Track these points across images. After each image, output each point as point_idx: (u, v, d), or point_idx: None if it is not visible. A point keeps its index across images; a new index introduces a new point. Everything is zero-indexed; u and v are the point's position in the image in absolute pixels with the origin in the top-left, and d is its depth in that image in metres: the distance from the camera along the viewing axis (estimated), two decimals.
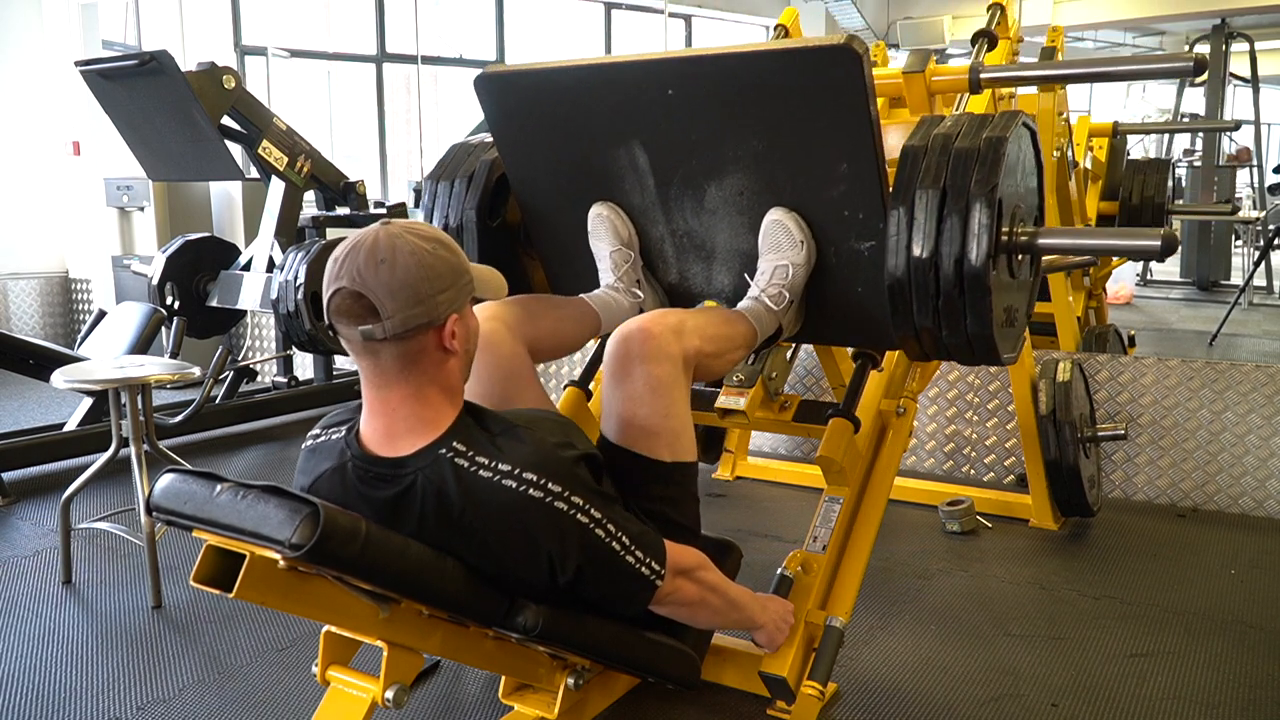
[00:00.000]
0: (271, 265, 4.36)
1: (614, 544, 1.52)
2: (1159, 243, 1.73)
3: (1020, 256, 1.82)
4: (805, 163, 1.88)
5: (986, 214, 1.67)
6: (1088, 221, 4.43)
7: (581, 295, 2.08)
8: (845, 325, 2.05)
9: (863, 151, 1.81)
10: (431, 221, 2.21)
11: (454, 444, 1.46)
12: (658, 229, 2.11)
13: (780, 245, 1.95)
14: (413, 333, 1.42)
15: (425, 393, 1.47)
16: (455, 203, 2.19)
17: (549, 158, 2.13)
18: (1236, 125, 6.69)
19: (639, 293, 2.11)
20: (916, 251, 1.72)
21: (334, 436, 1.56)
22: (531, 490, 1.44)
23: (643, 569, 1.56)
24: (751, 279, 2.00)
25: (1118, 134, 4.74)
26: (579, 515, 1.47)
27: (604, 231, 2.11)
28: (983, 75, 2.45)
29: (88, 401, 3.80)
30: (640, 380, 1.74)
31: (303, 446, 1.61)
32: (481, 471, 1.44)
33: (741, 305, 1.98)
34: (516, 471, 1.44)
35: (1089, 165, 4.57)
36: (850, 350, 2.24)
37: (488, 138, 2.26)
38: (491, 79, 2.06)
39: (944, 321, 1.76)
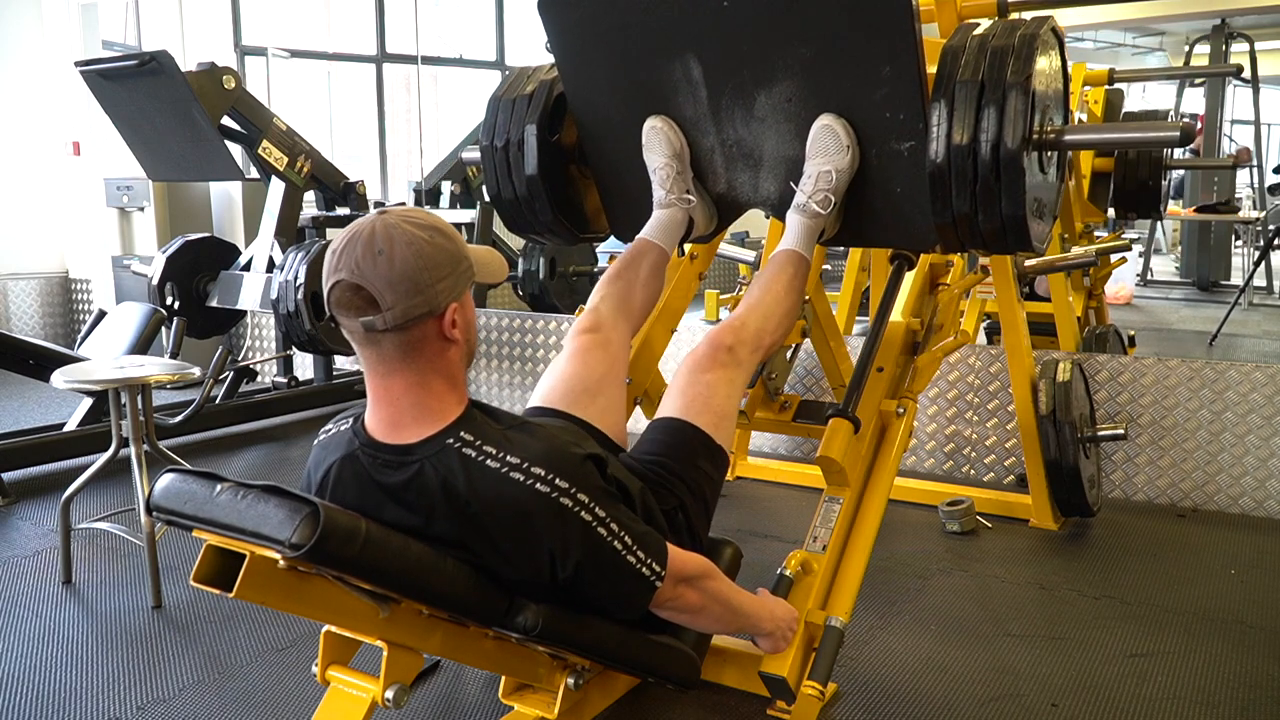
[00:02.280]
0: (271, 265, 4.36)
1: (615, 543, 1.52)
2: (1178, 133, 1.89)
3: (1049, 153, 1.95)
4: (850, 67, 1.99)
5: (1021, 101, 1.80)
6: (1081, 176, 4.41)
7: (641, 236, 2.24)
8: (884, 225, 2.13)
9: (905, 53, 1.92)
10: (494, 138, 2.36)
11: (462, 434, 1.47)
12: (708, 140, 2.22)
13: (828, 150, 2.05)
14: (413, 322, 1.43)
15: (428, 381, 1.48)
16: (516, 119, 2.32)
17: (607, 74, 2.25)
18: (1239, 69, 6.68)
19: (690, 198, 2.24)
20: (956, 140, 1.85)
21: (342, 428, 1.57)
22: (539, 485, 1.45)
23: (643, 569, 1.56)
24: (797, 185, 2.11)
25: (1113, 83, 4.68)
26: (583, 513, 1.48)
27: (657, 143, 2.22)
28: None
29: (88, 401, 3.80)
30: (711, 381, 1.94)
31: (315, 442, 1.63)
32: (489, 462, 1.45)
33: (790, 215, 2.12)
34: (525, 465, 1.45)
35: (1084, 119, 4.51)
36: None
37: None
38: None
39: (980, 206, 1.87)
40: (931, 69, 1.93)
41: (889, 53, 1.94)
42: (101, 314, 4.25)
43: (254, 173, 4.67)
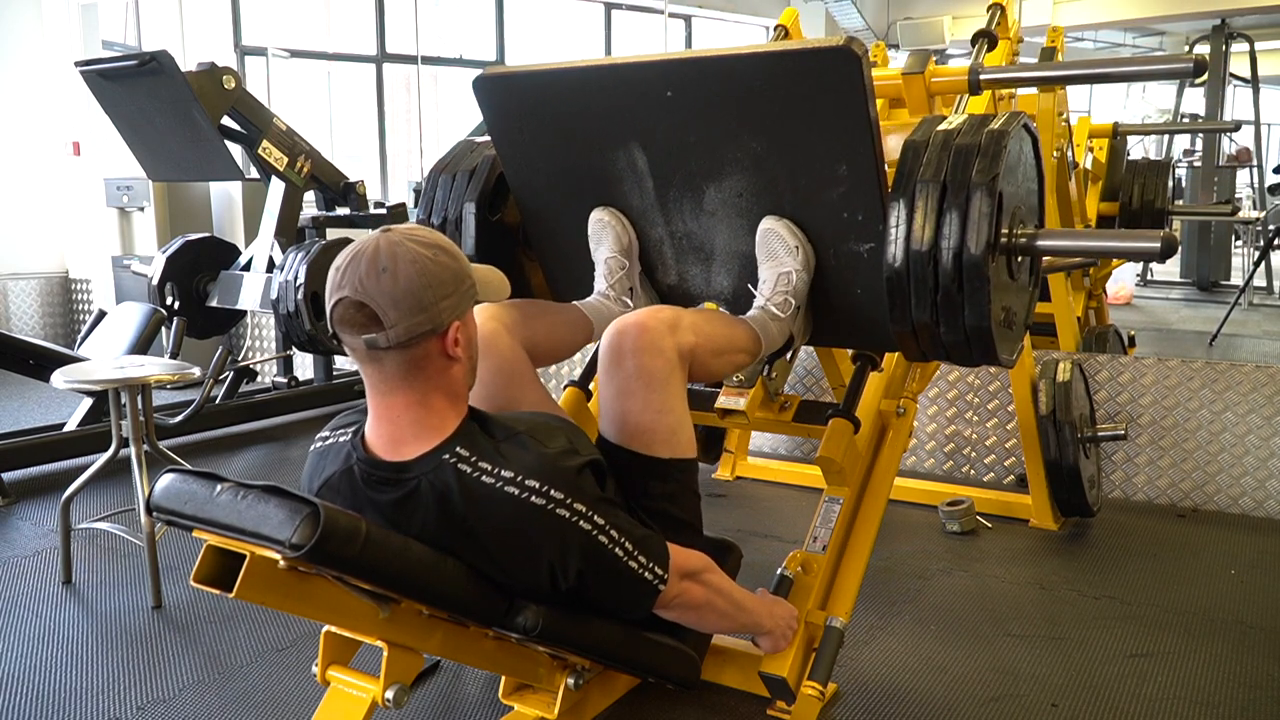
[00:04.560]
0: (271, 265, 4.36)
1: (616, 550, 1.52)
2: (1159, 244, 1.72)
3: (1020, 258, 1.82)
4: (804, 164, 1.88)
5: (987, 204, 1.67)
6: (1088, 222, 4.43)
7: (574, 302, 2.08)
8: (845, 327, 2.05)
9: (862, 153, 1.81)
10: (431, 214, 2.22)
11: (457, 449, 1.46)
12: (657, 230, 2.11)
13: (776, 253, 1.95)
14: (416, 340, 1.42)
15: (429, 399, 1.47)
16: (455, 196, 2.20)
17: (548, 160, 2.13)
18: (1237, 126, 6.68)
19: (629, 301, 2.10)
20: (915, 245, 1.71)
21: (341, 439, 1.56)
22: (534, 498, 1.44)
23: (645, 574, 1.56)
24: (755, 287, 2.00)
25: (1118, 135, 4.74)
26: (581, 522, 1.47)
27: (604, 237, 2.11)
28: (982, 76, 2.45)
29: (88, 402, 3.80)
30: (633, 373, 1.73)
31: (311, 449, 1.62)
32: (484, 478, 1.45)
33: (747, 315, 1.98)
34: (519, 479, 1.44)
35: (1089, 166, 4.57)
36: (850, 352, 2.24)
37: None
38: (490, 80, 2.06)
39: (942, 316, 1.74)
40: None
41: (845, 151, 1.82)
42: (101, 314, 4.25)
43: (254, 173, 4.66)
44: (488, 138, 2.26)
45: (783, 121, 1.85)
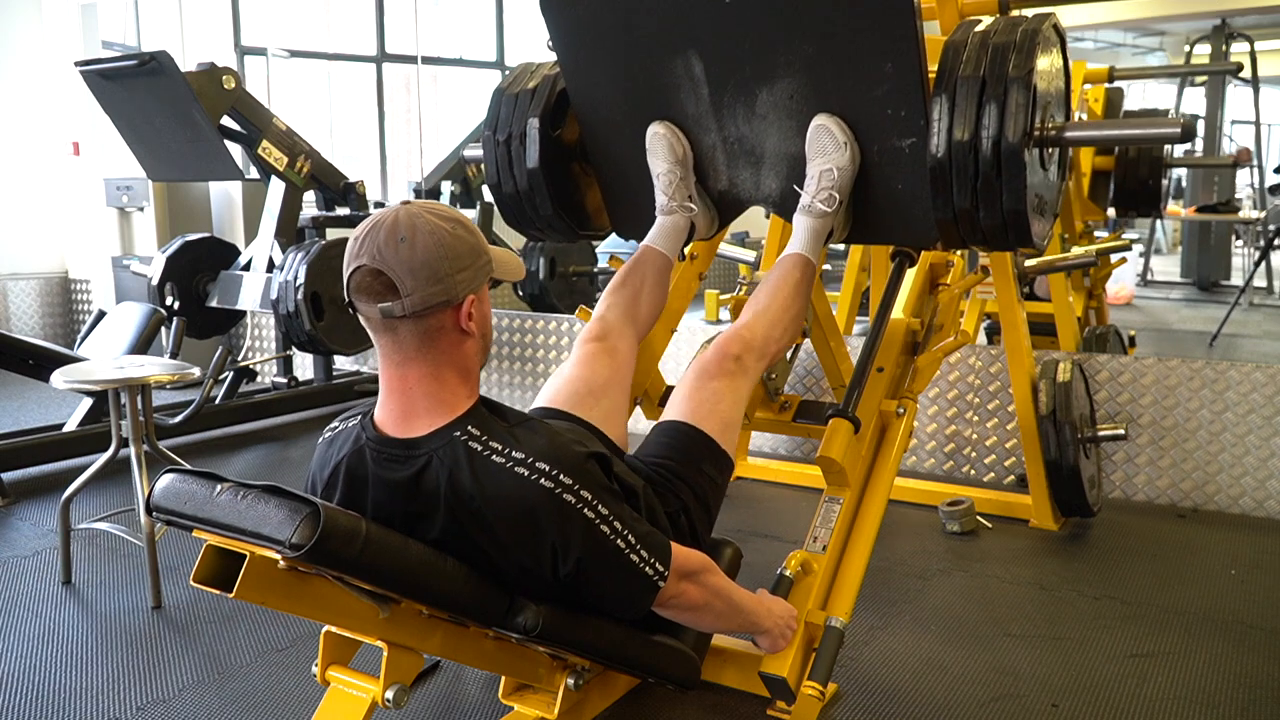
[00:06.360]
0: (271, 265, 4.36)
1: (618, 541, 1.52)
2: (1179, 130, 1.90)
3: (1050, 150, 1.95)
4: (852, 64, 2.00)
5: (1023, 96, 1.81)
6: (1082, 174, 4.41)
7: (645, 244, 2.26)
8: (885, 223, 2.15)
9: (906, 50, 1.93)
10: (496, 130, 2.38)
11: (469, 428, 1.49)
12: (710, 137, 2.23)
13: (826, 149, 2.06)
14: (431, 311, 1.45)
15: (442, 373, 1.49)
16: (520, 112, 2.35)
17: (609, 70, 2.26)
18: (1239, 67, 6.67)
19: (691, 206, 2.26)
20: (957, 136, 1.85)
21: (350, 424, 1.59)
22: (543, 480, 1.46)
23: (646, 569, 1.57)
24: (800, 187, 2.12)
25: (1113, 80, 4.68)
26: (586, 510, 1.49)
27: (660, 149, 2.24)
28: None
29: (88, 402, 3.80)
30: (718, 388, 1.94)
31: (319, 440, 1.64)
32: (495, 458, 1.46)
33: (796, 217, 2.12)
34: (530, 460, 1.46)
35: (1084, 117, 4.52)
36: (890, 250, 2.31)
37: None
38: None
39: (981, 202, 1.88)
40: (933, 67, 1.94)
41: (891, 50, 1.95)
42: (101, 314, 4.25)
43: (254, 173, 4.67)
44: (542, 61, 2.43)
45: (833, 23, 1.98)
